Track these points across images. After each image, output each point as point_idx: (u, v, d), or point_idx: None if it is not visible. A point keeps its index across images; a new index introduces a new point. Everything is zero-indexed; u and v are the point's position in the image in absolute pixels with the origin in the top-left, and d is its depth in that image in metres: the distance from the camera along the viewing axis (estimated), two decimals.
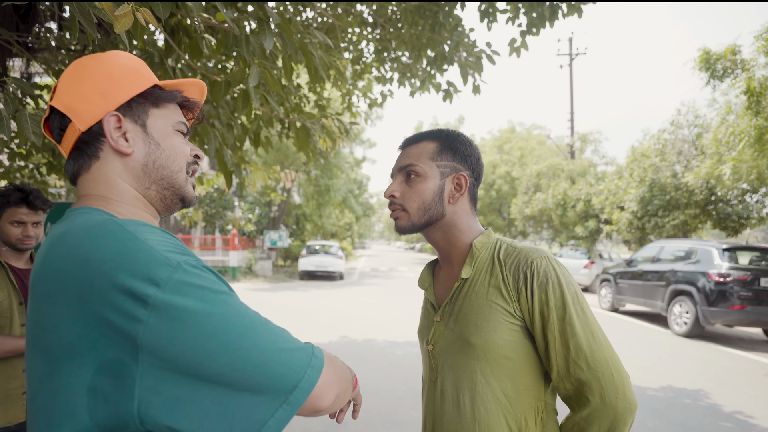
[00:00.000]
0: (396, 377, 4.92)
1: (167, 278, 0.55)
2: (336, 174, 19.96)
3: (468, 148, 1.07)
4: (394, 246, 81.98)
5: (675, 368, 5.53)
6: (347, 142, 3.47)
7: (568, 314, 0.91)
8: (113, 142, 0.70)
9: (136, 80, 0.73)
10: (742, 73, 7.71)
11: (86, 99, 0.70)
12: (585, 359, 0.90)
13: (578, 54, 21.22)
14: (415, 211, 1.04)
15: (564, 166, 18.74)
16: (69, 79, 0.72)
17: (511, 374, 0.96)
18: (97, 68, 0.72)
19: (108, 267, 0.55)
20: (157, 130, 0.74)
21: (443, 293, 1.09)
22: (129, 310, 0.53)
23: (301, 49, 2.07)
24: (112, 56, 0.75)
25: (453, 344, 1.01)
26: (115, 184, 0.71)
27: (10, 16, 2.41)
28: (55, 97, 0.72)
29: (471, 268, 1.01)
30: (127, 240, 0.57)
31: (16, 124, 1.52)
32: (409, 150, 1.08)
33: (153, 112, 0.74)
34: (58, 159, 3.17)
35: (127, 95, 0.71)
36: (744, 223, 11.38)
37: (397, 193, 1.06)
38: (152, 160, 0.73)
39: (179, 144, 0.77)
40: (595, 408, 0.89)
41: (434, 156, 1.05)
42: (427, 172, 1.04)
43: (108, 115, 0.70)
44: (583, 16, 3.50)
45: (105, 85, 0.71)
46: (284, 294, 11.95)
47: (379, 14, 4.00)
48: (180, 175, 0.76)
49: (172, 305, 0.54)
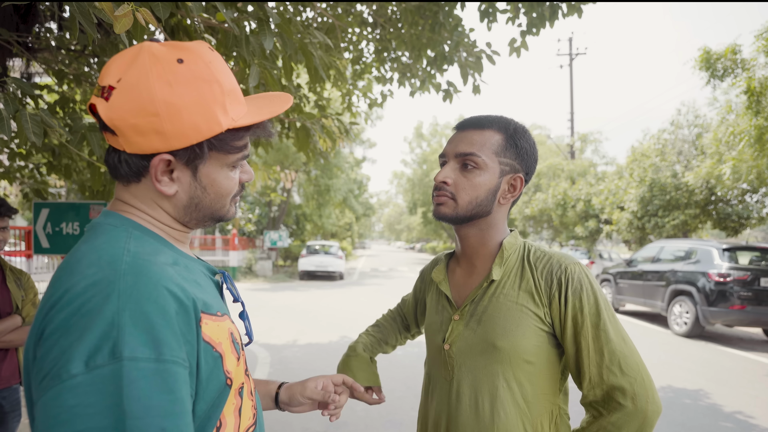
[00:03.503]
0: (396, 377, 4.92)
1: (94, 366, 0.51)
2: (336, 174, 19.96)
3: (531, 148, 1.01)
4: (394, 246, 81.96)
5: (675, 368, 5.53)
6: (347, 142, 3.47)
7: (602, 321, 0.91)
8: (157, 183, 0.65)
9: (203, 123, 0.63)
10: (743, 72, 7.70)
11: (140, 132, 0.61)
12: (618, 365, 0.89)
13: (578, 54, 21.23)
14: (465, 204, 0.97)
15: (564, 166, 18.74)
16: (127, 94, 0.61)
17: (531, 379, 0.95)
18: (162, 95, 0.60)
19: (62, 321, 0.54)
20: (207, 176, 0.68)
21: (462, 291, 1.06)
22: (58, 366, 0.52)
23: (301, 49, 2.07)
24: (186, 77, 0.62)
25: (475, 346, 0.98)
26: (151, 206, 0.69)
27: (10, 16, 2.41)
28: (105, 107, 0.61)
29: (501, 270, 0.99)
30: (107, 308, 0.54)
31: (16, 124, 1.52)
32: (472, 135, 0.99)
33: (212, 156, 0.67)
34: (58, 159, 3.16)
35: (187, 142, 0.63)
36: (744, 223, 11.38)
37: (449, 180, 0.98)
38: (195, 203, 0.69)
39: (228, 184, 0.71)
40: (627, 413, 0.89)
41: (498, 150, 0.98)
42: (489, 166, 0.97)
43: (159, 158, 0.63)
44: (583, 16, 3.50)
45: (165, 125, 0.61)
46: (284, 294, 11.94)
47: (379, 14, 4.00)
48: (221, 210, 0.73)
49: (78, 391, 0.51)
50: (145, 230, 0.67)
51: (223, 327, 0.66)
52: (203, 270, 0.73)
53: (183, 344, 0.57)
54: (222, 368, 0.64)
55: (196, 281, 0.67)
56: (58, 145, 3.00)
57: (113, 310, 0.53)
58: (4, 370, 2.05)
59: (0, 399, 2.04)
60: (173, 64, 0.62)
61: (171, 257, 0.66)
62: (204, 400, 0.62)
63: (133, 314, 0.54)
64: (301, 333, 6.98)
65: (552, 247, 24.27)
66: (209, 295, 0.67)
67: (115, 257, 0.59)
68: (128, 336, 0.52)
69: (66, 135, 1.73)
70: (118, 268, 0.57)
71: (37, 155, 3.57)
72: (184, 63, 0.63)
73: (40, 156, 3.64)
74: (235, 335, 0.70)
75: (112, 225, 0.66)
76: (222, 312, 0.68)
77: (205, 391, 0.61)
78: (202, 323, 0.62)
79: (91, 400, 0.50)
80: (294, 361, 5.53)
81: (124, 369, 0.51)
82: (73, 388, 0.50)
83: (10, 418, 2.09)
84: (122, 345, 0.52)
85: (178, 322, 0.57)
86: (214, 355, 0.63)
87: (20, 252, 7.33)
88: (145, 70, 0.61)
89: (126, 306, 0.54)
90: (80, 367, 0.51)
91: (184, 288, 0.61)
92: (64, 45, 2.74)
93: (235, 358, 0.68)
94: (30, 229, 5.89)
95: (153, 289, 0.57)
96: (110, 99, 0.61)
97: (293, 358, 5.66)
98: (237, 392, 0.69)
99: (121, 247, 0.61)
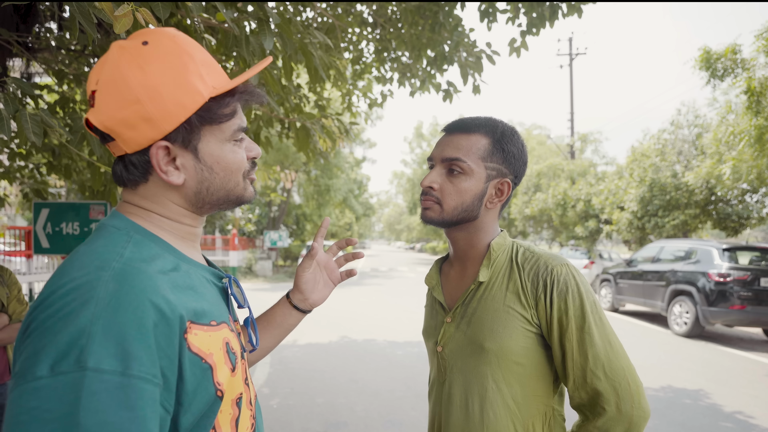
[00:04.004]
0: (396, 377, 4.92)
1: (59, 372, 0.50)
2: (336, 174, 19.96)
3: (519, 151, 1.00)
4: (394, 246, 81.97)
5: (675, 368, 5.53)
6: (347, 142, 3.47)
7: (587, 324, 0.90)
8: (163, 174, 0.65)
9: (184, 96, 0.63)
10: (743, 72, 7.70)
11: (130, 126, 0.62)
12: (602, 369, 0.89)
13: (578, 54, 21.23)
14: (451, 210, 0.98)
15: (564, 166, 18.74)
16: (106, 91, 0.62)
17: (521, 380, 0.95)
18: (137, 80, 0.61)
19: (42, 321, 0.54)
20: (210, 154, 0.67)
21: (454, 293, 1.06)
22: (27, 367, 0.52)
23: (301, 49, 2.07)
24: (154, 56, 0.62)
25: (464, 347, 0.99)
26: (161, 203, 0.68)
27: (10, 16, 2.41)
28: (93, 113, 0.62)
29: (488, 271, 0.99)
30: (83, 314, 0.53)
31: (16, 124, 1.52)
32: (459, 140, 0.98)
33: (206, 131, 0.66)
34: (58, 159, 3.16)
35: (176, 121, 0.63)
36: (744, 223, 11.38)
37: (436, 185, 0.98)
38: (205, 186, 0.68)
39: (234, 159, 0.70)
40: (611, 417, 0.89)
41: (485, 155, 0.97)
42: (474, 171, 0.97)
43: (156, 146, 0.63)
44: (583, 16, 3.50)
45: (149, 109, 0.61)
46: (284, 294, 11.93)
47: (379, 14, 4.00)
48: (236, 189, 0.72)
49: (40, 394, 0.50)
50: (148, 234, 0.66)
51: (216, 337, 0.64)
52: (206, 275, 0.71)
53: (158, 359, 0.55)
54: (212, 380, 0.62)
55: (193, 288, 0.65)
56: (58, 145, 3.00)
57: (88, 317, 0.52)
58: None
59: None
60: (139, 47, 0.63)
61: (170, 263, 0.65)
62: (191, 412, 0.60)
63: (107, 324, 0.52)
64: (301, 333, 6.98)
65: (552, 247, 24.27)
66: (206, 303, 0.66)
67: (105, 262, 0.58)
68: (96, 345, 0.51)
69: (66, 135, 1.73)
70: (102, 275, 0.56)
71: (37, 155, 3.57)
72: (149, 44, 0.63)
73: (40, 156, 3.64)
74: (232, 344, 0.68)
75: (115, 227, 0.65)
76: (219, 320, 0.67)
77: (191, 403, 0.60)
78: (189, 334, 0.60)
79: (50, 405, 0.49)
80: (294, 361, 5.53)
81: (86, 379, 0.50)
82: (36, 390, 0.49)
83: (3, 414, 2.07)
84: (88, 354, 0.50)
85: (156, 335, 0.55)
86: (203, 366, 0.61)
87: (20, 252, 7.33)
88: (115, 63, 0.62)
89: (101, 314, 0.52)
90: (45, 370, 0.50)
91: (171, 299, 0.59)
92: (64, 45, 2.74)
93: (229, 368, 0.66)
94: (30, 229, 5.89)
95: (134, 299, 0.55)
96: (95, 103, 0.62)
97: (293, 358, 5.66)
98: (234, 402, 0.68)
99: (116, 251, 0.60)
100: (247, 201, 0.74)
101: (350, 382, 4.78)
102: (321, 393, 4.44)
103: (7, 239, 7.89)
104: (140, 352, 0.53)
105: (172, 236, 0.70)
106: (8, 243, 7.80)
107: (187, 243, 0.73)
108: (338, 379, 4.84)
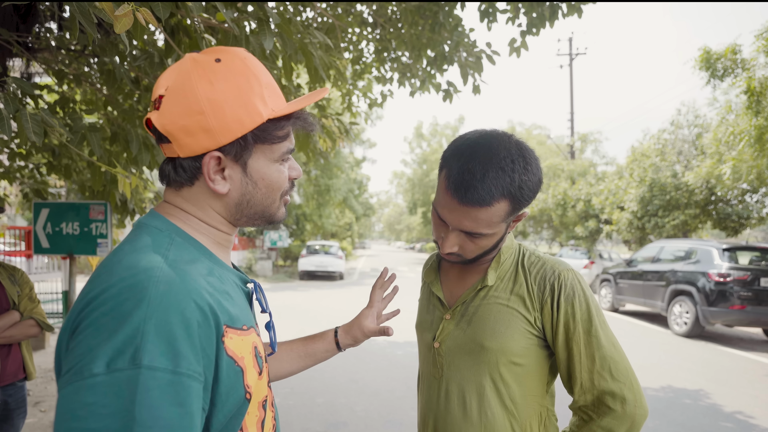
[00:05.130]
0: (396, 377, 4.92)
1: (114, 369, 0.53)
2: (336, 174, 19.97)
3: (535, 185, 0.91)
4: (394, 246, 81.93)
5: (675, 368, 5.53)
6: (347, 142, 3.47)
7: (594, 327, 0.92)
8: (210, 182, 0.68)
9: (244, 115, 0.66)
10: (743, 72, 7.71)
11: (189, 133, 0.65)
12: (609, 370, 0.91)
13: (578, 54, 21.22)
14: (473, 256, 0.98)
15: (564, 166, 18.75)
16: (174, 98, 0.65)
17: (519, 380, 0.97)
18: (204, 93, 0.65)
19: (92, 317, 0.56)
20: (257, 171, 0.71)
21: (455, 291, 1.07)
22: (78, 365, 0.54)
23: (301, 49, 2.07)
24: (224, 73, 0.66)
25: (464, 346, 1.00)
26: (202, 208, 0.71)
27: (10, 16, 2.41)
28: (156, 115, 0.66)
29: (496, 274, 1.00)
30: (136, 314, 0.56)
31: (16, 124, 1.52)
32: (477, 214, 0.88)
33: (258, 149, 0.70)
34: (58, 159, 3.16)
35: (232, 136, 0.66)
36: (744, 223, 11.38)
37: (456, 248, 0.96)
38: (246, 199, 0.71)
39: (278, 178, 0.73)
40: (617, 416, 0.91)
41: (506, 216, 0.92)
42: (496, 232, 0.95)
43: (209, 155, 0.67)
44: (583, 16, 3.50)
45: (211, 121, 0.65)
46: (284, 294, 11.94)
47: (379, 14, 4.00)
48: (272, 206, 0.74)
49: (96, 390, 0.52)
50: (188, 237, 0.69)
51: (247, 341, 0.67)
52: (236, 280, 0.74)
53: (201, 358, 0.58)
54: (242, 382, 0.65)
55: (228, 293, 0.68)
56: (58, 145, 3.00)
57: (141, 317, 0.55)
58: (9, 366, 2.04)
59: (6, 396, 2.04)
60: (212, 63, 0.67)
61: (206, 267, 0.67)
62: (222, 413, 0.63)
63: (158, 323, 0.55)
64: (302, 333, 6.97)
65: (552, 247, 24.27)
66: (238, 308, 0.68)
67: (153, 263, 0.60)
68: (150, 344, 0.54)
69: (66, 135, 1.73)
70: (153, 275, 0.59)
71: (37, 155, 3.57)
72: (222, 62, 0.67)
73: (40, 156, 3.64)
74: (259, 348, 0.71)
75: (157, 228, 0.67)
76: (248, 325, 0.69)
77: (224, 404, 0.62)
78: (225, 338, 0.62)
79: (107, 401, 0.51)
80: None
81: (141, 376, 0.52)
82: (93, 386, 0.52)
83: (15, 415, 2.07)
84: (143, 352, 0.53)
85: (200, 335, 0.58)
86: (236, 369, 0.64)
87: (20, 252, 7.34)
88: (187, 74, 0.66)
89: (153, 314, 0.55)
90: (102, 368, 0.52)
91: (212, 302, 0.61)
92: (64, 45, 2.74)
93: (257, 372, 0.68)
94: (30, 229, 5.89)
95: (182, 300, 0.58)
96: (161, 107, 0.66)
97: None
98: (260, 405, 0.70)
99: (162, 253, 0.63)
100: (278, 221, 0.77)
101: (350, 382, 4.78)
102: (321, 393, 4.44)
103: (7, 239, 7.89)
104: (187, 350, 0.56)
105: (209, 241, 0.72)
106: (8, 243, 7.80)
107: (221, 249, 0.75)
108: (338, 379, 4.85)
